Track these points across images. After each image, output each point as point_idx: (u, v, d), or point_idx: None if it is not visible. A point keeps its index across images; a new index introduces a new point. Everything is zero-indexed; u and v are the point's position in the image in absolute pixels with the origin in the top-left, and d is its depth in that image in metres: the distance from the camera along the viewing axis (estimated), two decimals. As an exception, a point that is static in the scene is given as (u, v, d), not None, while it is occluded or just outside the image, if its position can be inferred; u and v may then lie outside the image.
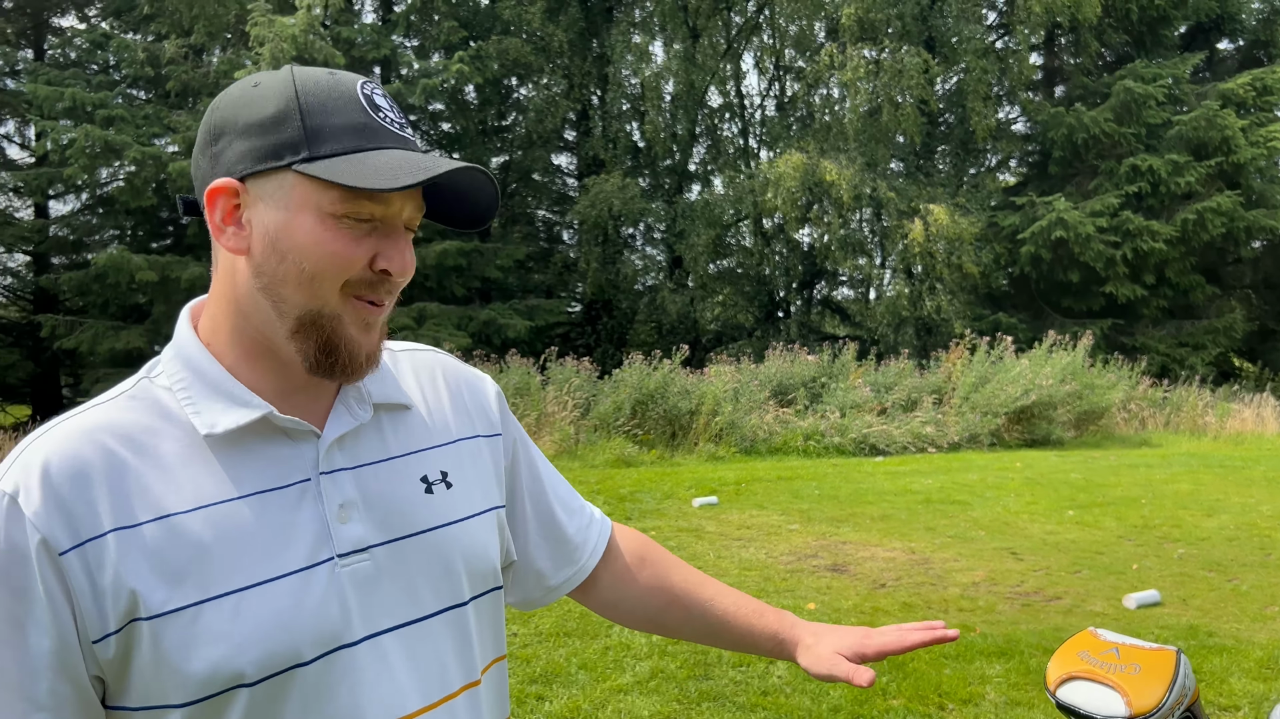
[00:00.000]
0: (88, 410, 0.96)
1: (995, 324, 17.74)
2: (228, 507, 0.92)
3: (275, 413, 0.95)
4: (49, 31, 21.66)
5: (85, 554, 0.87)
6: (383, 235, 0.94)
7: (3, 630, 0.87)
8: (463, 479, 1.08)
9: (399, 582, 0.99)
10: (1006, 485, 10.20)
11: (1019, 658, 4.83)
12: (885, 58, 18.26)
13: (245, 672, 0.89)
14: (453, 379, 1.15)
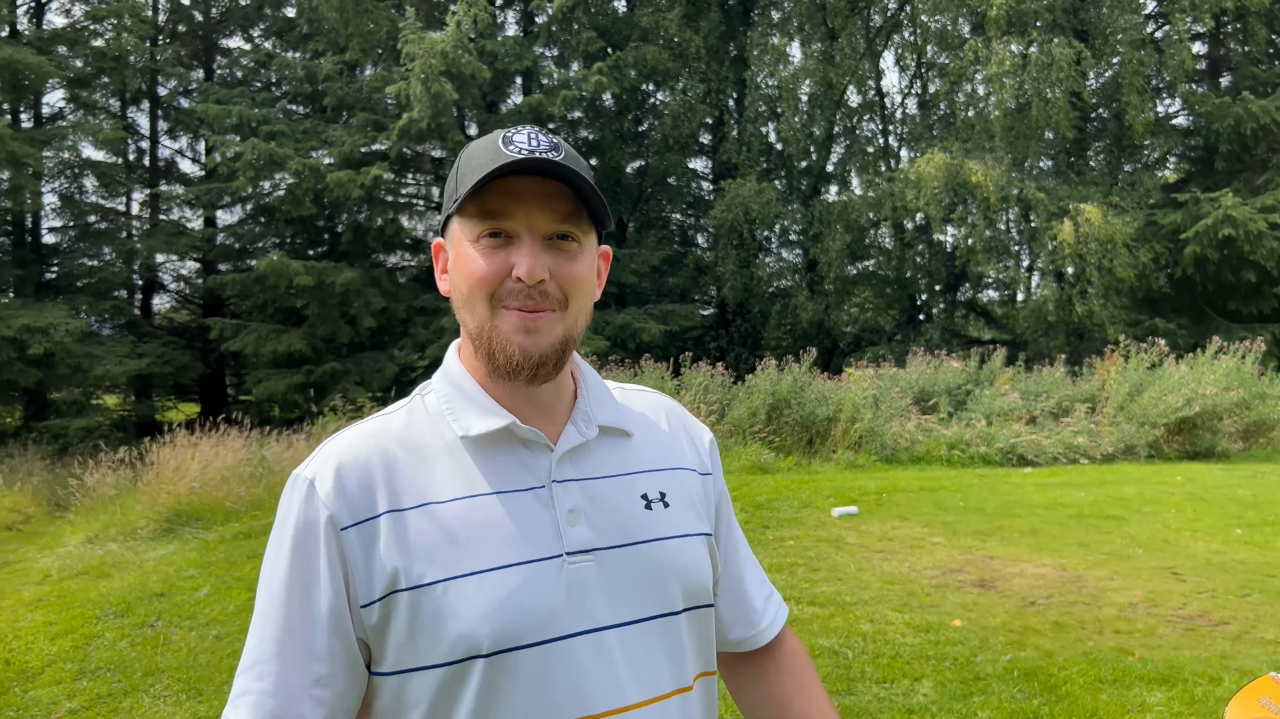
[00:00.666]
0: (374, 419, 1.18)
1: (1153, 329, 16.84)
2: (477, 501, 1.09)
3: (518, 423, 1.12)
4: (218, 52, 23.12)
5: (362, 531, 1.06)
6: (516, 248, 1.09)
7: (294, 591, 1.07)
8: (679, 502, 1.20)
9: (617, 584, 1.11)
10: (1166, 500, 9.69)
11: (1182, 686, 4.61)
12: (1034, 51, 17.57)
13: (482, 643, 1.03)
14: (674, 419, 1.30)
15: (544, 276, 1.08)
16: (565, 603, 1.07)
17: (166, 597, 6.35)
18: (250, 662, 1.07)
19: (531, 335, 1.10)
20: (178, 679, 4.79)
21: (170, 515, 8.80)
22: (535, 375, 1.11)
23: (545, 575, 1.07)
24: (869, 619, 5.67)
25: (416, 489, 1.09)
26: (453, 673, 1.03)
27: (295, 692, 1.05)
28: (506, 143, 1.09)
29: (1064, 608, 6.02)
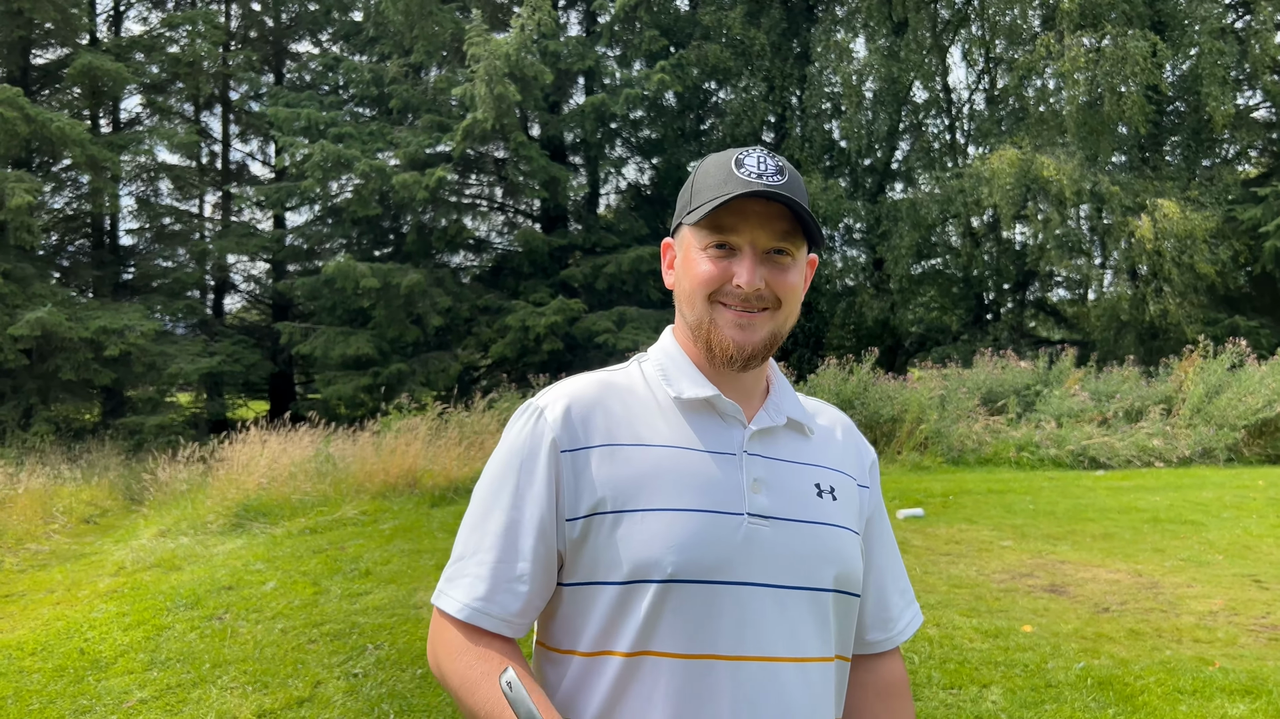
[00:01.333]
0: (599, 372, 1.38)
1: (1232, 328, 16.27)
2: (679, 451, 1.27)
3: (721, 396, 1.31)
4: (288, 57, 23.59)
5: (578, 457, 1.25)
6: (738, 259, 1.27)
7: (512, 497, 1.26)
8: (843, 499, 1.36)
9: (784, 551, 1.25)
10: (1247, 505, 9.35)
11: (1267, 698, 4.42)
12: (1107, 44, 17.10)
13: (663, 570, 1.19)
14: (847, 432, 1.46)
15: (760, 286, 1.27)
16: (740, 554, 1.22)
17: (234, 590, 6.46)
18: (469, 550, 1.27)
19: (745, 331, 1.29)
20: (244, 671, 4.86)
21: (239, 510, 8.98)
22: (746, 365, 1.30)
23: (727, 527, 1.23)
24: (935, 623, 5.54)
25: (632, 430, 1.28)
26: (628, 592, 1.20)
27: (501, 582, 1.24)
28: (739, 165, 1.27)
29: (1139, 615, 5.82)
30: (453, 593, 1.26)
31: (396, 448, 10.28)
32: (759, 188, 1.23)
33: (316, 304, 18.75)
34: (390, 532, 8.14)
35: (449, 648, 1.25)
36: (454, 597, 1.26)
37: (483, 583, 1.24)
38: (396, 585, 6.36)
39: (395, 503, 9.36)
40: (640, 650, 1.20)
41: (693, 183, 1.33)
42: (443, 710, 4.30)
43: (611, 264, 17.64)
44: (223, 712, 4.36)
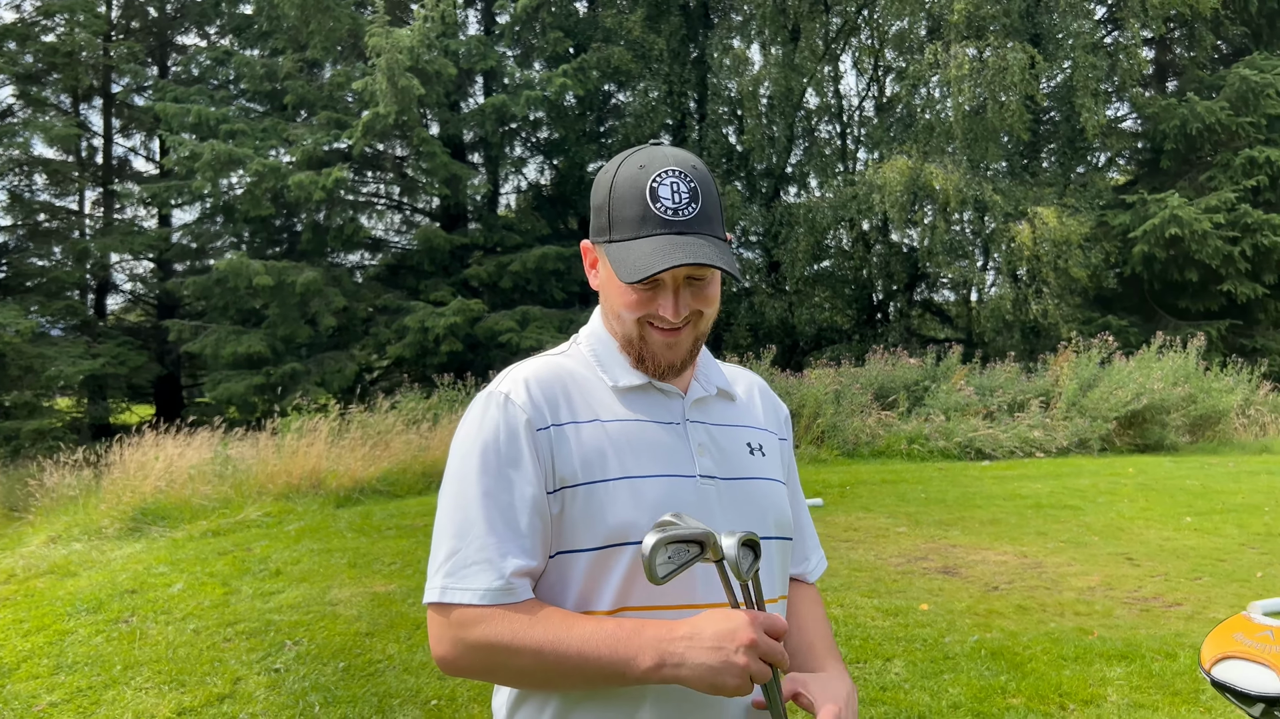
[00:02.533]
0: (545, 356, 1.47)
1: (1104, 326, 17.26)
2: (634, 424, 1.37)
3: (655, 381, 1.42)
4: (173, 49, 22.80)
5: (550, 434, 1.33)
6: (662, 293, 1.35)
7: (499, 480, 1.30)
8: (769, 454, 1.49)
9: (730, 508, 1.37)
10: (1119, 491, 9.99)
11: (1140, 662, 4.80)
12: (989, 55, 17.93)
13: (637, 530, 1.28)
14: (763, 393, 1.59)
15: (684, 314, 1.36)
16: (697, 513, 1.30)
17: (139, 593, 6.32)
18: (461, 541, 1.29)
19: (673, 349, 1.39)
20: (158, 671, 4.79)
21: (136, 514, 8.73)
22: (677, 372, 1.42)
23: (684, 488, 1.34)
24: (839, 604, 5.81)
25: (588, 408, 1.36)
26: (604, 555, 1.29)
27: (510, 555, 1.28)
28: (654, 198, 1.32)
29: (1026, 592, 6.21)
30: (466, 584, 1.27)
31: (299, 449, 10.13)
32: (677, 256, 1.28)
33: (207, 303, 18.21)
34: (297, 532, 8.04)
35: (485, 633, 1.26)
36: (469, 588, 1.27)
37: (492, 569, 1.27)
38: (309, 584, 6.32)
39: (299, 504, 9.23)
40: (621, 607, 1.28)
41: (609, 203, 1.35)
42: (368, 701, 4.34)
43: (516, 263, 17.64)
44: (140, 711, 4.30)
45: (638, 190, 1.33)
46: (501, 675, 1.31)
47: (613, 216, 1.35)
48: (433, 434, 11.38)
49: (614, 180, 1.35)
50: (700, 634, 1.19)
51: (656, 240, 1.30)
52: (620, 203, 1.34)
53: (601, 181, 1.38)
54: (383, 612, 5.66)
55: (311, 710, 4.25)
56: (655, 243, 1.30)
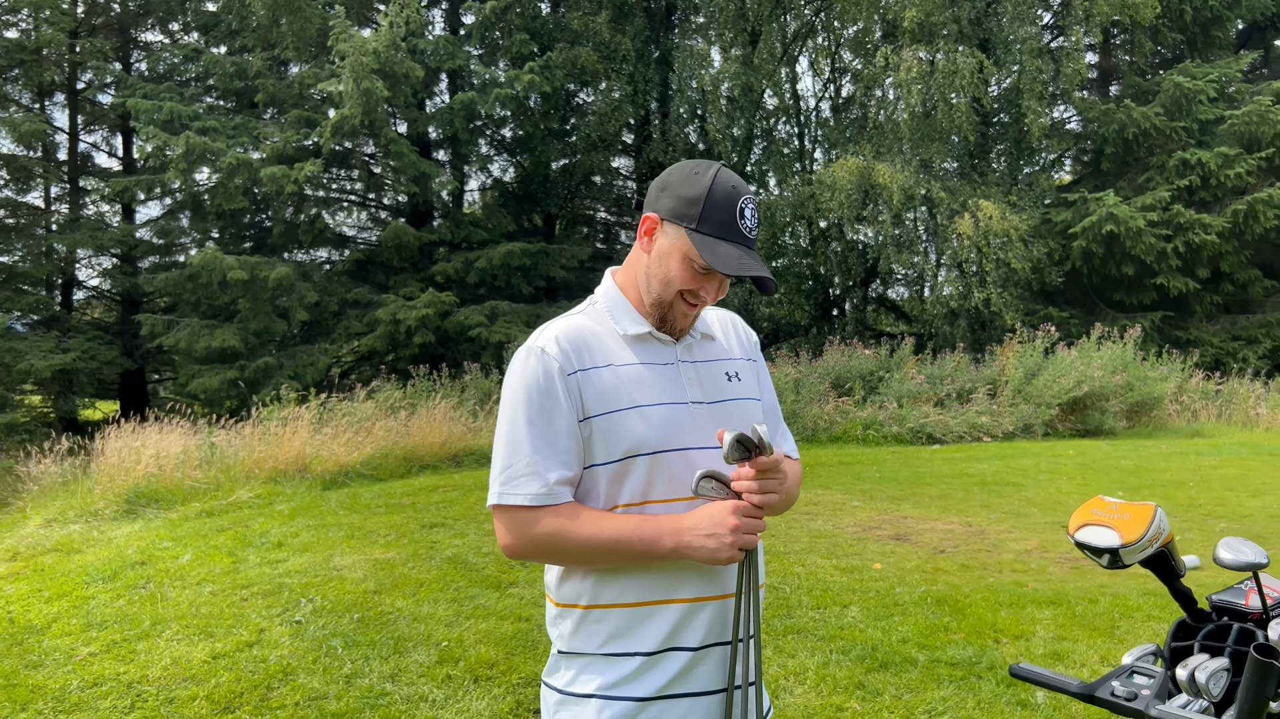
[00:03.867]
0: (571, 315, 1.84)
1: (1047, 318, 18.07)
2: (640, 366, 1.78)
3: (655, 330, 1.82)
4: (136, 46, 22.88)
5: (577, 377, 1.72)
6: (710, 280, 1.76)
7: (542, 413, 1.70)
8: (745, 377, 1.92)
9: (716, 421, 1.78)
10: (1059, 470, 10.71)
11: (1067, 606, 5.44)
12: (940, 59, 18.69)
13: (651, 445, 1.72)
14: (736, 326, 2.00)
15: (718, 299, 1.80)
16: (692, 429, 1.75)
17: (149, 564, 6.74)
18: (513, 459, 1.70)
19: (688, 318, 1.81)
20: (186, 625, 5.25)
21: (130, 497, 9.09)
22: (682, 336, 1.83)
23: (680, 412, 1.75)
24: (801, 564, 6.41)
25: (605, 355, 1.76)
26: (624, 465, 1.71)
27: (552, 469, 1.68)
28: (740, 215, 1.72)
29: (969, 554, 6.86)
30: (518, 490, 1.68)
31: (284, 436, 10.54)
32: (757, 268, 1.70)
33: (178, 298, 18.42)
34: (289, 511, 8.48)
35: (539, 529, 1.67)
36: (521, 492, 1.67)
37: (537, 476, 1.67)
38: (312, 553, 6.78)
39: (288, 487, 9.65)
40: (641, 501, 1.71)
41: (706, 201, 1.72)
42: (385, 643, 4.85)
43: (482, 259, 18.07)
44: (176, 656, 4.77)
45: (731, 204, 1.72)
46: (555, 558, 1.73)
47: (705, 213, 1.71)
48: (411, 422, 11.83)
49: (712, 186, 1.72)
50: (699, 525, 1.64)
51: (739, 249, 1.72)
52: (715, 208, 1.71)
53: (696, 181, 1.73)
54: (386, 574, 6.16)
55: (335, 652, 4.74)
56: (739, 250, 1.72)
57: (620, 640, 1.72)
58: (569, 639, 1.77)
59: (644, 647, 1.71)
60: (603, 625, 1.73)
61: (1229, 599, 2.20)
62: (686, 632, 1.71)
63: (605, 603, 1.73)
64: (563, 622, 1.78)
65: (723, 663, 1.74)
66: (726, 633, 1.74)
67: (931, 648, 4.74)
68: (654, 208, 1.78)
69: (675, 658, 1.71)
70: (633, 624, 1.71)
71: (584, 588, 1.75)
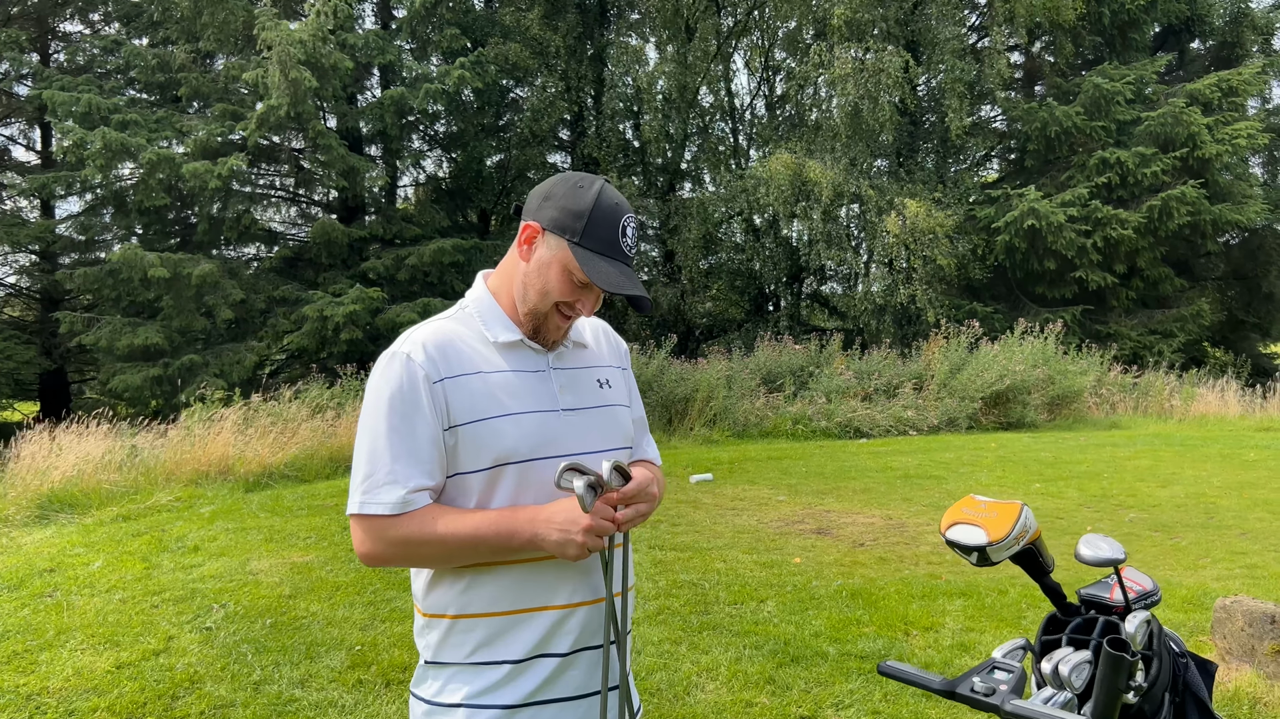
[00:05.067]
0: (437, 320, 1.81)
1: (971, 313, 18.47)
2: (510, 374, 1.76)
3: (526, 338, 1.80)
4: (55, 37, 22.21)
5: (444, 385, 1.69)
6: (588, 294, 1.76)
7: (404, 421, 1.66)
8: (615, 384, 1.92)
9: (586, 429, 1.79)
10: (980, 463, 10.96)
11: (977, 597, 5.58)
12: (869, 58, 18.95)
13: (520, 453, 1.70)
14: (606, 334, 2.01)
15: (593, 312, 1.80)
16: (561, 436, 1.74)
17: (58, 571, 6.56)
18: (374, 467, 1.67)
19: (561, 330, 1.80)
20: (91, 634, 5.12)
21: (42, 502, 8.83)
22: (555, 347, 1.82)
23: (551, 419, 1.75)
24: (722, 560, 6.47)
25: (473, 362, 1.73)
26: (494, 474, 1.70)
27: (413, 477, 1.66)
28: (622, 234, 1.73)
29: (888, 547, 6.99)
30: (379, 499, 1.65)
31: (206, 437, 10.33)
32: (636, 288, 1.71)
33: (98, 296, 17.93)
34: (210, 514, 8.32)
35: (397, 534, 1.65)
36: (381, 501, 1.65)
37: (399, 487, 1.64)
38: (229, 557, 6.67)
39: (209, 489, 9.46)
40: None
41: (590, 216, 1.72)
42: (297, 649, 4.79)
43: (413, 256, 17.89)
44: (79, 667, 4.65)
45: (614, 221, 1.73)
46: (415, 561, 1.72)
47: (589, 228, 1.71)
48: (338, 421, 11.67)
49: (597, 201, 1.72)
50: (554, 519, 1.63)
51: (620, 266, 1.73)
52: (598, 224, 1.71)
53: (581, 195, 1.73)
54: (303, 578, 6.08)
55: (244, 659, 4.67)
56: (619, 268, 1.73)
57: (488, 649, 1.71)
58: (436, 649, 1.76)
59: (512, 654, 1.71)
60: (471, 635, 1.72)
61: (1095, 593, 2.27)
62: (556, 638, 1.72)
63: (474, 612, 1.72)
64: (430, 632, 1.77)
65: (591, 667, 1.75)
66: (595, 637, 1.75)
67: (843, 641, 4.82)
68: (535, 217, 1.76)
69: (543, 664, 1.72)
70: (501, 632, 1.71)
71: (451, 597, 1.74)
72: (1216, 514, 8.11)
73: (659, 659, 4.58)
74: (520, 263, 1.79)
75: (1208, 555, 6.71)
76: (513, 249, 1.82)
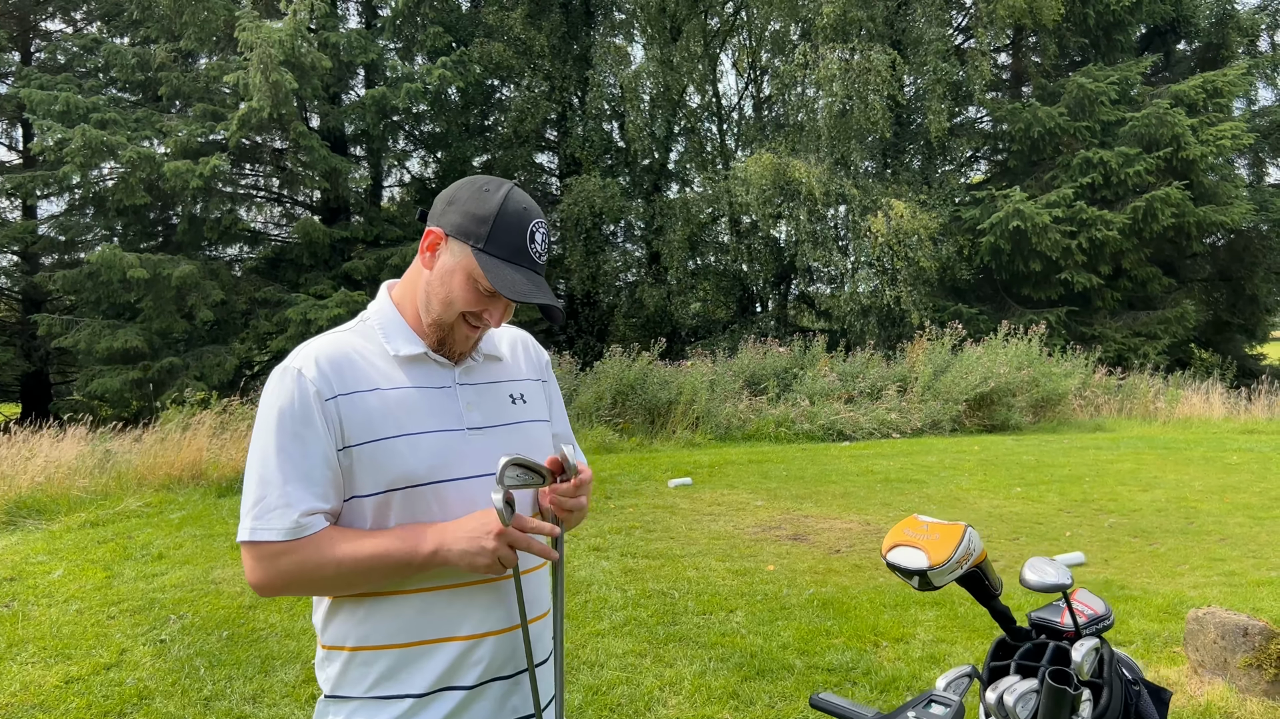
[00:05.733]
0: (336, 332, 1.70)
1: (956, 314, 18.40)
2: (410, 390, 1.64)
3: (430, 350, 1.69)
4: (36, 35, 22.02)
5: (337, 402, 1.58)
6: (495, 304, 1.65)
7: (295, 441, 1.55)
8: (531, 399, 1.82)
9: (496, 447, 1.66)
10: (961, 466, 10.88)
11: (949, 607, 5.48)
12: (856, 58, 18.89)
13: (417, 477, 1.59)
14: (525, 346, 1.90)
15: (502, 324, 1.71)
16: (463, 457, 1.63)
17: (18, 580, 6.44)
18: (265, 491, 1.55)
19: (469, 341, 1.69)
20: (43, 647, 5.00)
21: (9, 508, 8.69)
22: (461, 360, 1.71)
23: (454, 439, 1.64)
24: (695, 568, 6.37)
25: (370, 378, 1.62)
26: (386, 498, 1.59)
27: (305, 500, 1.54)
28: (530, 240, 1.63)
29: (863, 553, 6.89)
30: (269, 524, 1.53)
31: (181, 441, 10.19)
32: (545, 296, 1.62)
33: (78, 297, 17.77)
34: (179, 520, 8.19)
35: (290, 561, 1.54)
36: (272, 527, 1.53)
37: (290, 510, 1.52)
38: (192, 565, 6.54)
39: (181, 494, 9.33)
40: None
41: (495, 222, 1.61)
42: (252, 663, 4.67)
43: (395, 256, 17.78)
44: (27, 682, 4.54)
45: (521, 226, 1.62)
46: (312, 588, 1.60)
47: (494, 234, 1.61)
48: (315, 425, 11.53)
49: (503, 206, 1.62)
50: (463, 527, 1.54)
51: (527, 273, 1.63)
52: (504, 229, 1.61)
53: (486, 199, 1.63)
54: (265, 587, 5.96)
55: (197, 673, 4.56)
56: (527, 275, 1.63)
57: (390, 682, 1.61)
58: (336, 683, 1.65)
59: (415, 688, 1.60)
60: (372, 668, 1.61)
61: (1046, 617, 2.18)
62: (461, 670, 1.62)
63: (375, 644, 1.61)
64: (330, 664, 1.66)
65: (501, 698, 1.66)
66: (505, 668, 1.65)
67: (811, 653, 4.73)
68: (439, 222, 1.65)
69: (448, 698, 1.61)
70: (404, 664, 1.61)
71: (350, 628, 1.63)
72: (1197, 519, 8.04)
73: (622, 673, 4.48)
74: (424, 271, 1.68)
75: (1186, 562, 6.64)
76: (417, 257, 1.71)
